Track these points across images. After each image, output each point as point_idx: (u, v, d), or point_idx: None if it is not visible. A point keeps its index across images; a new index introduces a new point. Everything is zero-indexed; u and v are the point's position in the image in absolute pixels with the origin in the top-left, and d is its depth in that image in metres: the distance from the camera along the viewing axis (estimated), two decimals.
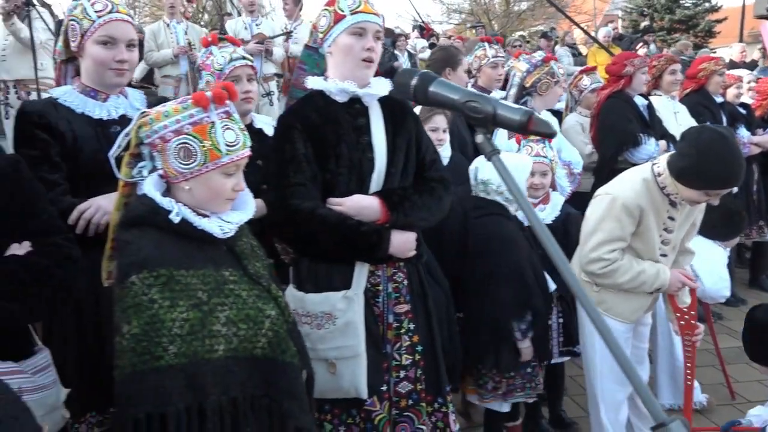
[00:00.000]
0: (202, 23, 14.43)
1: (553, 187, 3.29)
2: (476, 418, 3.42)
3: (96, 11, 2.20)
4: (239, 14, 10.26)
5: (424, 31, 11.71)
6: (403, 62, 8.53)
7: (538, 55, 3.88)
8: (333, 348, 2.11)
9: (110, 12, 2.20)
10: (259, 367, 1.65)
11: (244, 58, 2.70)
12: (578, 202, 3.52)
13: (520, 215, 2.91)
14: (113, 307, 2.14)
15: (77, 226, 2.04)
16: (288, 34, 6.78)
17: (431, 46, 10.46)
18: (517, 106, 1.18)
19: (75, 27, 2.22)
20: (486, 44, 4.26)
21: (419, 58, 9.15)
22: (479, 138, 1.19)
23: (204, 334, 1.56)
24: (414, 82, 1.25)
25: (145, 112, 1.70)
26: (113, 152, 1.73)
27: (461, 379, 2.93)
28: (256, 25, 6.79)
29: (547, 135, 1.19)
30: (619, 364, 1.05)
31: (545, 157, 3.12)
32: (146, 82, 7.02)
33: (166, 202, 1.62)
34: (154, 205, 1.62)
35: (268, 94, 6.57)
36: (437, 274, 2.64)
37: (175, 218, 1.60)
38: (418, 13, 11.34)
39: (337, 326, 2.11)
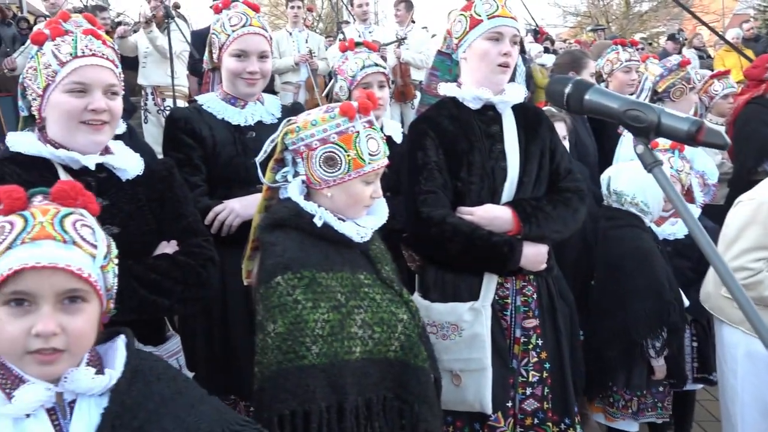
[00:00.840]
0: (317, 31, 14.89)
1: (690, 199, 3.09)
2: None
3: (231, 26, 2.34)
4: (355, 22, 10.46)
5: (538, 35, 11.39)
6: (520, 66, 8.34)
7: (674, 59, 3.65)
8: (458, 359, 2.09)
9: (244, 26, 2.32)
10: (392, 369, 1.67)
11: (376, 64, 2.75)
12: (712, 214, 3.29)
13: (653, 228, 2.76)
14: (242, 305, 2.25)
15: (212, 227, 2.15)
16: (400, 42, 6.85)
17: (546, 50, 10.17)
18: (684, 115, 1.11)
19: (215, 40, 2.39)
20: (620, 47, 4.05)
21: (538, 63, 8.92)
22: (640, 148, 1.13)
23: (343, 336, 1.60)
24: (568, 90, 1.21)
25: (291, 119, 1.76)
26: (260, 157, 1.81)
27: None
28: (369, 32, 6.91)
29: (720, 146, 1.10)
30: None
31: (671, 167, 2.95)
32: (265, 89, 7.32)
33: (309, 207, 1.68)
34: (298, 208, 1.68)
35: None
36: (563, 288, 2.55)
37: (318, 222, 1.65)
38: (532, 17, 11.03)
39: (464, 338, 2.08)
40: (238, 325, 2.29)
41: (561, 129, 3.15)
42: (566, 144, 3.22)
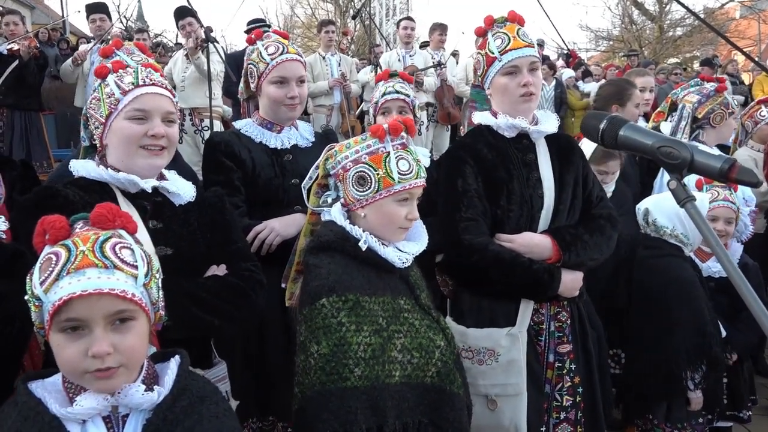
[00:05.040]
0: (350, 53, 15.11)
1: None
2: None
3: (269, 54, 2.42)
4: (387, 45, 10.60)
5: (570, 59, 11.40)
6: (549, 91, 8.37)
7: (710, 86, 3.60)
8: (495, 384, 2.10)
9: (282, 53, 2.41)
10: (428, 395, 1.69)
11: (397, 92, 2.79)
12: (752, 242, 3.24)
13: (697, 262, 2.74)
14: (278, 324, 2.29)
15: (252, 245, 2.21)
16: (438, 66, 6.92)
17: (585, 74, 10.16)
18: (717, 152, 1.14)
19: (253, 70, 2.47)
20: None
21: (582, 89, 8.92)
22: (672, 184, 1.16)
23: (384, 360, 1.63)
24: (603, 125, 1.25)
25: (331, 145, 1.84)
26: (305, 183, 1.88)
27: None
28: (410, 56, 6.99)
29: (753, 184, 1.13)
30: None
31: (733, 203, 2.87)
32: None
33: (355, 231, 1.73)
34: (343, 232, 1.73)
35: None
36: (592, 313, 2.54)
37: (363, 246, 1.69)
38: (563, 41, 11.06)
39: (500, 363, 2.10)
40: (275, 346, 2.33)
41: (615, 166, 3.11)
42: (615, 177, 3.17)
